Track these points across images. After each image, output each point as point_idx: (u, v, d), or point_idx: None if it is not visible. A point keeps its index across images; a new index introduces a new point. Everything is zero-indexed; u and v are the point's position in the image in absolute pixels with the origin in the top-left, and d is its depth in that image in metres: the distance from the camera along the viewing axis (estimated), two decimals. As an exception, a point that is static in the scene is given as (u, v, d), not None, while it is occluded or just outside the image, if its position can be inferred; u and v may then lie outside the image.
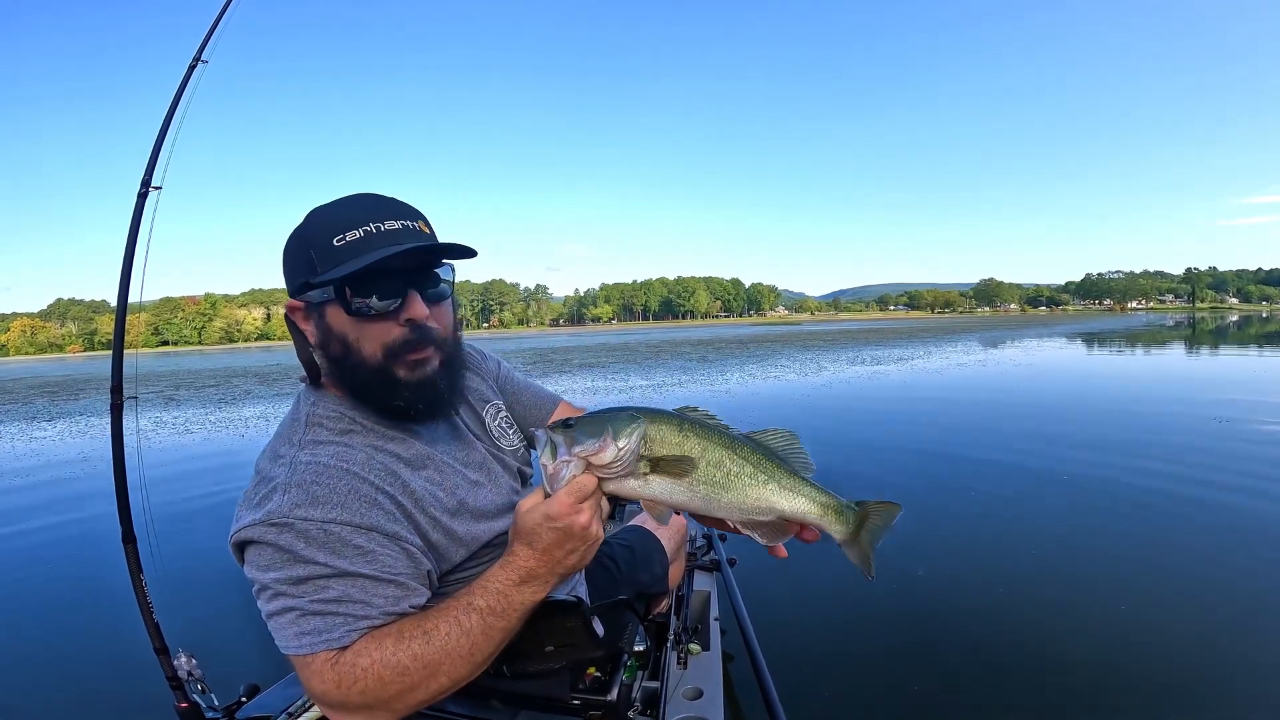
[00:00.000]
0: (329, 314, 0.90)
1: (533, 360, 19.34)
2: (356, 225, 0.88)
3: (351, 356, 0.90)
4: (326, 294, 0.89)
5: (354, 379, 0.92)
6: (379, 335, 0.90)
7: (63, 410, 11.73)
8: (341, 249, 0.86)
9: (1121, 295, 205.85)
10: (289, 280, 0.94)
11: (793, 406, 7.90)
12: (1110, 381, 9.60)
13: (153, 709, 1.71)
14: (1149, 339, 21.11)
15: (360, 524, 0.83)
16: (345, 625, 0.79)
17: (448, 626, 0.81)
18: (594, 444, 0.80)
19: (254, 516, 0.81)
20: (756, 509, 0.85)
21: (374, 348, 0.90)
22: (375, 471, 0.88)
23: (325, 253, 0.87)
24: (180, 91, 1.56)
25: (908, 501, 3.63)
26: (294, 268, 0.92)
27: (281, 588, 0.79)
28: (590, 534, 0.84)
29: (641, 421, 0.82)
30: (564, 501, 0.81)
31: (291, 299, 0.94)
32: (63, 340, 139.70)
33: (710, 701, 1.26)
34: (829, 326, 57.70)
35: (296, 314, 0.94)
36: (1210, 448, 4.78)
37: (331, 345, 0.91)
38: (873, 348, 18.87)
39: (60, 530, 4.18)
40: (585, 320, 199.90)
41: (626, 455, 0.81)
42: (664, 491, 0.84)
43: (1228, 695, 1.89)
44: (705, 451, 0.83)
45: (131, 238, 1.49)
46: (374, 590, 0.81)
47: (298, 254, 0.91)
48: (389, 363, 0.91)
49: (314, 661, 0.79)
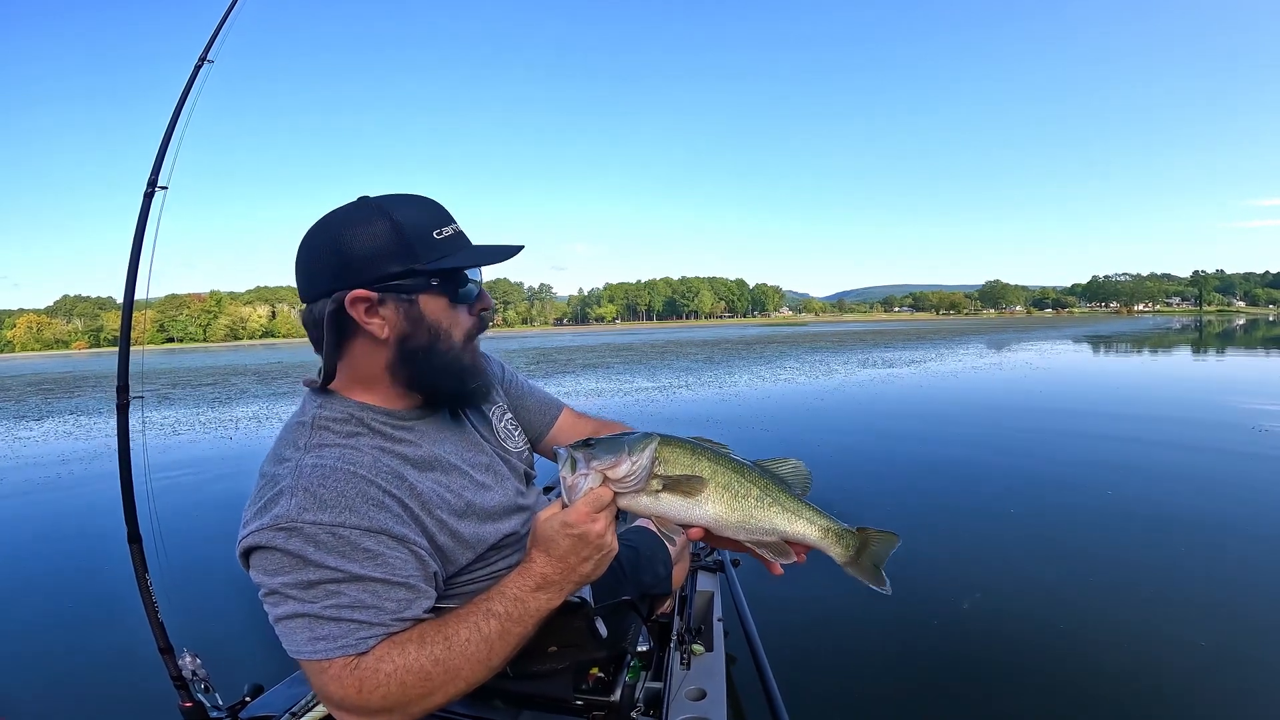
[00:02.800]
0: (424, 302, 0.93)
1: (536, 360, 19.31)
2: (445, 223, 0.95)
3: (440, 343, 0.95)
4: (430, 281, 0.92)
5: (436, 367, 0.95)
6: (464, 323, 0.99)
7: (54, 409, 11.57)
8: (442, 242, 0.93)
9: (1128, 298, 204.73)
10: (352, 271, 0.88)
11: (808, 414, 7.36)
12: (1142, 390, 8.84)
13: (157, 708, 1.71)
14: (1163, 341, 20.91)
15: (369, 527, 0.83)
16: (362, 631, 0.80)
17: (468, 632, 0.84)
18: (610, 459, 0.86)
19: (261, 522, 0.81)
20: (761, 530, 0.90)
21: (459, 334, 0.98)
22: (382, 474, 0.88)
23: (428, 243, 0.92)
24: (186, 91, 1.56)
25: (934, 511, 3.49)
26: (375, 256, 0.88)
27: (291, 592, 0.79)
28: (605, 543, 0.88)
29: (655, 440, 0.87)
30: (581, 510, 0.85)
31: (359, 289, 0.88)
32: (68, 337, 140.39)
33: (713, 702, 1.26)
34: (834, 328, 57.38)
35: (359, 306, 0.89)
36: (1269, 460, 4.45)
37: (418, 335, 0.93)
38: (882, 349, 18.74)
39: (64, 530, 4.20)
40: (589, 320, 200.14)
41: (639, 470, 0.86)
42: (674, 509, 0.88)
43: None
44: (715, 474, 0.88)
45: (138, 237, 1.49)
46: (386, 594, 0.82)
47: (387, 242, 0.89)
48: (464, 350, 0.99)
49: (330, 667, 0.79)
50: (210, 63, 1.60)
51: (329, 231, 0.91)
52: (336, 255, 0.89)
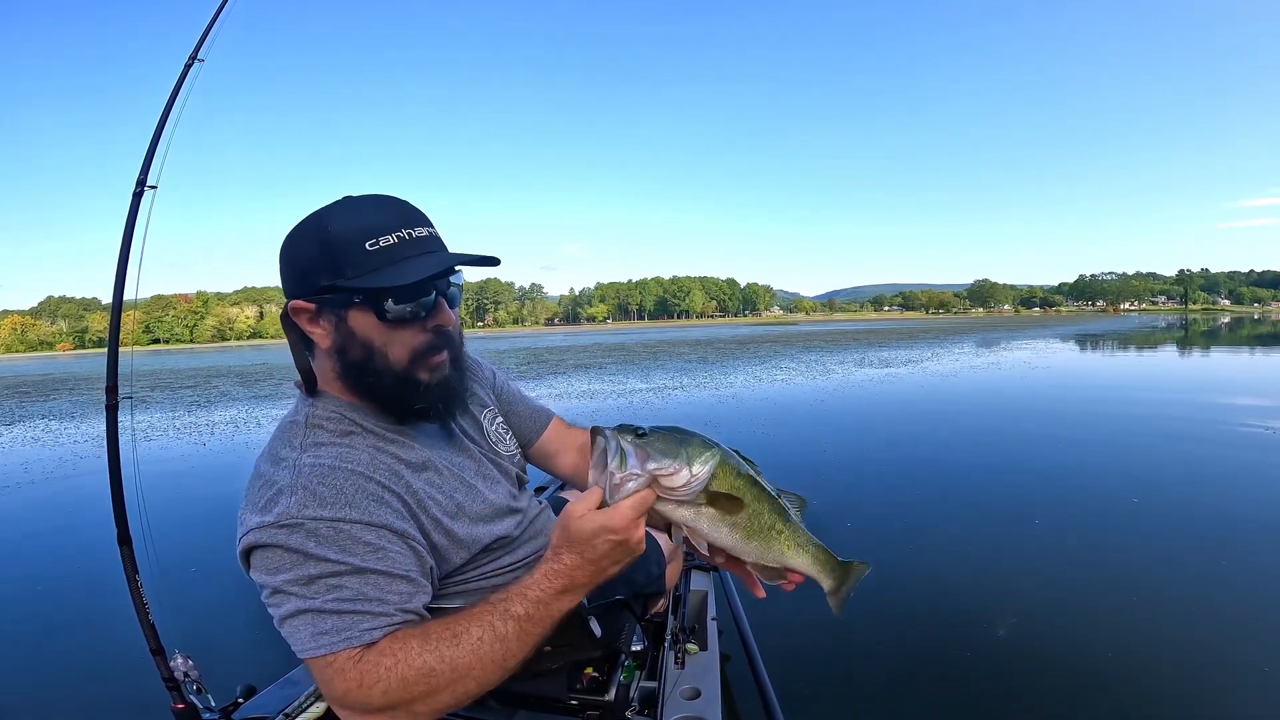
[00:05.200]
0: (353, 318, 0.88)
1: (527, 360, 19.20)
2: (388, 230, 0.86)
3: (375, 361, 0.89)
4: (353, 298, 0.86)
5: (375, 384, 0.91)
6: (407, 340, 0.90)
7: (35, 411, 11.45)
8: (375, 253, 0.85)
9: (1114, 297, 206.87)
10: (296, 280, 0.89)
11: (810, 415, 7.16)
12: (1148, 391, 8.57)
13: (149, 710, 1.70)
14: (1153, 340, 21.07)
15: (369, 521, 0.83)
16: (365, 623, 0.79)
17: (480, 630, 0.80)
18: (670, 464, 0.78)
19: (263, 519, 0.80)
20: (770, 558, 0.88)
21: (401, 352, 0.90)
22: (380, 471, 0.88)
23: (355, 256, 0.85)
24: (176, 90, 1.55)
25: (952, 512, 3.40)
26: (308, 268, 0.87)
27: (293, 589, 0.78)
28: (640, 549, 0.84)
29: (717, 454, 0.82)
30: (627, 515, 0.79)
31: (297, 300, 0.89)
32: (53, 338, 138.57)
33: (708, 701, 1.26)
34: (826, 327, 57.61)
35: (301, 315, 0.90)
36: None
37: (352, 350, 0.89)
38: (877, 349, 18.77)
39: (52, 532, 4.15)
40: (580, 320, 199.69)
41: (696, 485, 0.80)
42: (709, 526, 0.83)
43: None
44: (754, 500, 0.84)
45: (127, 236, 1.47)
46: (388, 587, 0.81)
47: (316, 254, 0.86)
48: (413, 367, 0.92)
49: (335, 661, 0.78)
50: (201, 62, 1.59)
51: (287, 237, 0.91)
52: (283, 263, 0.91)
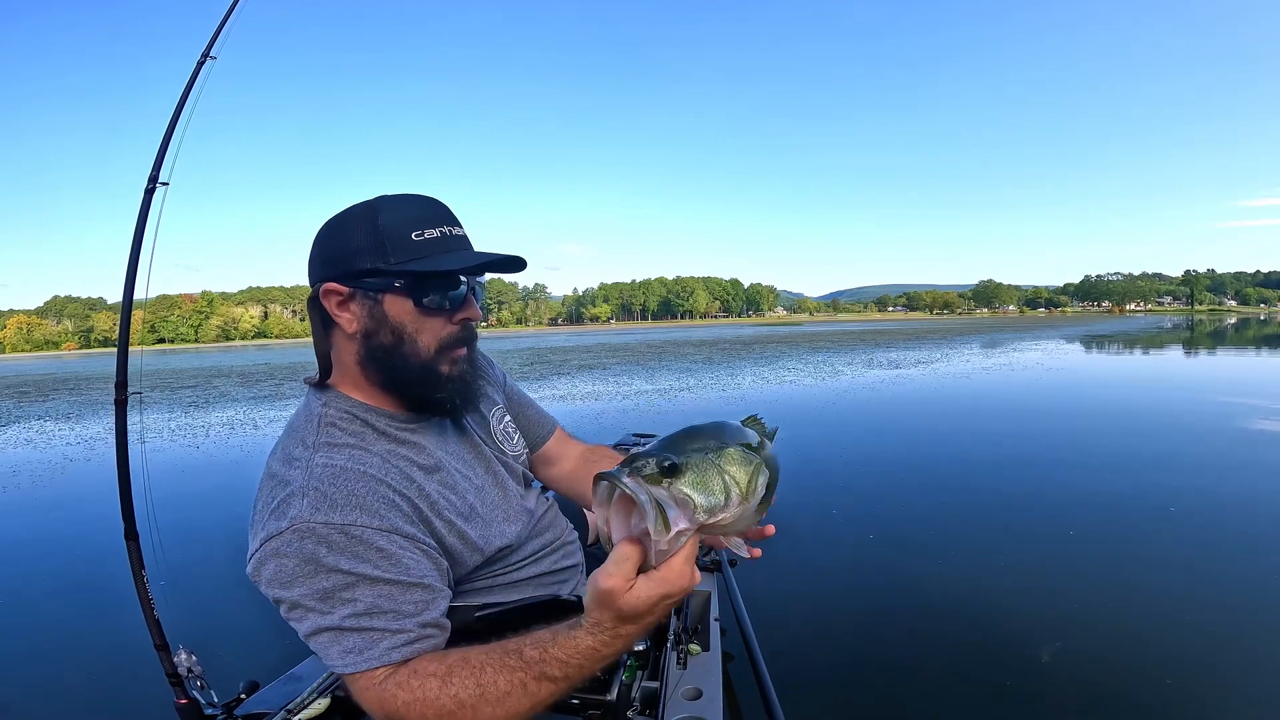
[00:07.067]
0: (389, 302, 0.90)
1: (530, 361, 19.20)
2: (434, 224, 0.92)
3: (405, 346, 0.92)
4: (394, 282, 0.89)
5: (400, 369, 0.93)
6: (437, 330, 0.94)
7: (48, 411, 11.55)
8: (421, 244, 0.90)
9: (1120, 297, 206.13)
10: (334, 263, 0.91)
11: (823, 418, 6.95)
12: (1166, 391, 8.41)
13: (152, 705, 1.71)
14: (1162, 340, 20.91)
15: (382, 526, 0.83)
16: (386, 640, 0.79)
17: (507, 685, 0.76)
18: (718, 503, 0.65)
19: (277, 526, 0.80)
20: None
21: (430, 341, 0.93)
22: (392, 474, 0.89)
23: (403, 243, 0.89)
24: (189, 87, 1.56)
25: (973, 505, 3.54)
26: (354, 250, 0.89)
27: (310, 604, 0.79)
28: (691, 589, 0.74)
29: (763, 469, 0.70)
30: (685, 573, 0.68)
31: (333, 282, 0.90)
32: (59, 338, 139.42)
33: (710, 702, 1.26)
34: (831, 327, 57.06)
35: (331, 299, 0.91)
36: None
37: (381, 334, 0.91)
38: (884, 350, 18.61)
39: (58, 527, 4.17)
40: (584, 320, 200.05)
41: (750, 510, 0.68)
42: (740, 526, 0.72)
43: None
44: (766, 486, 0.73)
45: (138, 234, 1.47)
46: (402, 596, 0.81)
47: (365, 237, 0.89)
48: (438, 358, 0.94)
49: (360, 679, 0.79)
50: (213, 59, 1.59)
51: (327, 225, 0.94)
52: (322, 248, 0.93)
